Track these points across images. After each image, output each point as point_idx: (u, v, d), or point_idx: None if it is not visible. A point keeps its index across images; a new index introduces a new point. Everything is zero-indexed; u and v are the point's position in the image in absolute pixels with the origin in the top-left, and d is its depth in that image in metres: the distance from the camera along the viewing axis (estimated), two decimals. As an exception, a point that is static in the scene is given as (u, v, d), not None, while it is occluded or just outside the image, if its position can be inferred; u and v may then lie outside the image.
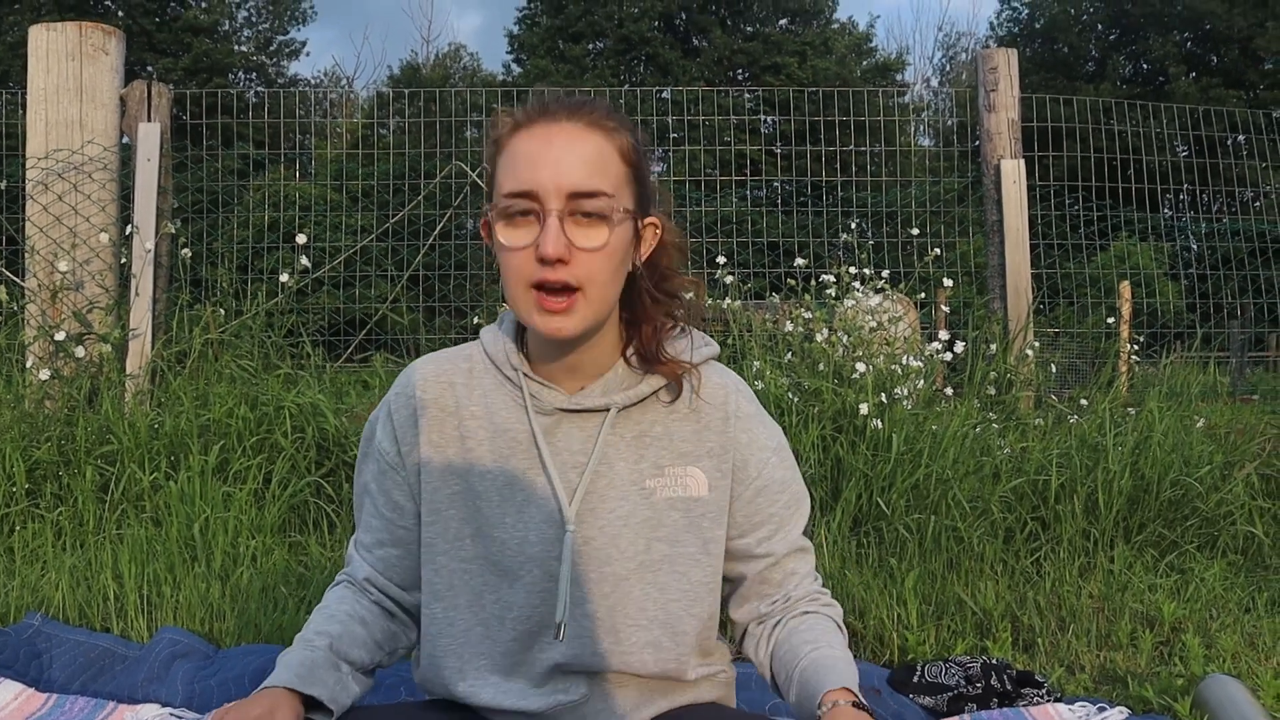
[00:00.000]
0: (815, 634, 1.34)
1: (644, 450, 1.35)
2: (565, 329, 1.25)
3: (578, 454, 1.33)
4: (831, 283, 4.24)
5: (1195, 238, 8.04)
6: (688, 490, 1.34)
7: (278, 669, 1.25)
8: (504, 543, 1.32)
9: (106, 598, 2.72)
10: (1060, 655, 2.54)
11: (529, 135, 1.24)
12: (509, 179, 1.24)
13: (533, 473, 1.32)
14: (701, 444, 1.36)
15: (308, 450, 3.57)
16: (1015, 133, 4.91)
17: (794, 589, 1.40)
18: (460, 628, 1.35)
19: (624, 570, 1.31)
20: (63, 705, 1.98)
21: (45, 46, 4.40)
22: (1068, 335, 5.92)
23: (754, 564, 1.39)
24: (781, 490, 1.40)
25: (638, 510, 1.32)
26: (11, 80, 24.13)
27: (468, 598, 1.35)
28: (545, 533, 1.31)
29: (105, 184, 4.41)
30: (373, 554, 1.41)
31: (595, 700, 1.34)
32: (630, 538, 1.32)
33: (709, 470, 1.36)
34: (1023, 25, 32.29)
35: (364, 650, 1.34)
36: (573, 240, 1.22)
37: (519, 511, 1.32)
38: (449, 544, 1.35)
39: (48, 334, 4.03)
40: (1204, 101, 23.29)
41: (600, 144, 1.25)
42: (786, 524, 1.40)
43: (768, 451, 1.40)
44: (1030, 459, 3.56)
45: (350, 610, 1.37)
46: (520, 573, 1.31)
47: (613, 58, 31.05)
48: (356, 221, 6.68)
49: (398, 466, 1.39)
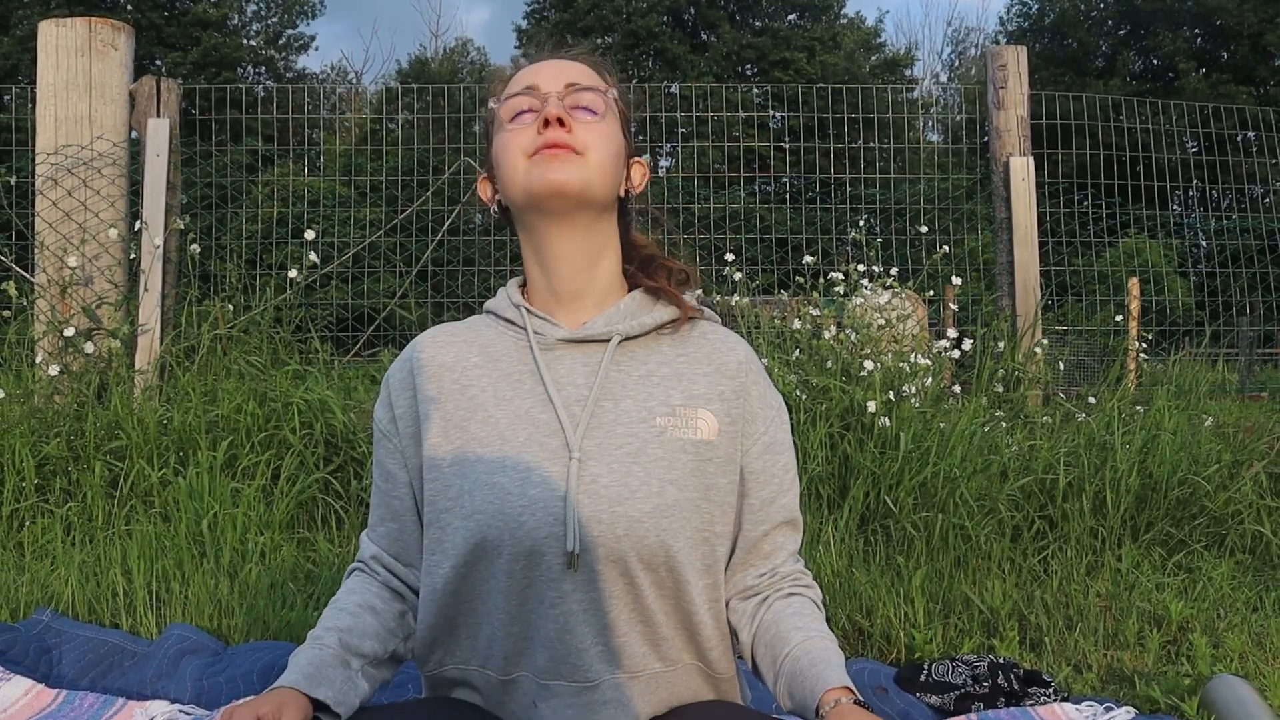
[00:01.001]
0: (804, 620, 1.32)
1: (652, 389, 1.32)
2: (568, 179, 1.28)
3: (581, 387, 1.31)
4: (840, 280, 4.24)
5: (1205, 235, 8.03)
6: (698, 432, 1.31)
7: (288, 669, 1.24)
8: (503, 487, 1.26)
9: (116, 593, 2.73)
10: (1067, 654, 2.54)
11: (526, 64, 1.37)
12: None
13: (537, 408, 1.30)
14: (713, 387, 1.34)
15: (316, 446, 3.57)
16: (1024, 130, 4.89)
17: (781, 564, 1.38)
18: (470, 586, 1.31)
19: (637, 512, 1.25)
20: (72, 701, 1.99)
21: (55, 42, 4.40)
22: (1076, 332, 5.91)
23: (748, 528, 1.37)
24: (784, 451, 1.39)
25: (648, 449, 1.28)
26: (21, 75, 24.20)
27: (472, 556, 1.28)
28: (549, 468, 1.26)
29: (114, 179, 4.42)
30: (377, 531, 1.41)
31: (608, 689, 1.28)
32: (642, 476, 1.26)
33: (719, 414, 1.33)
34: (1032, 20, 32.23)
35: (375, 641, 1.32)
36: (572, 115, 1.31)
37: (521, 450, 1.27)
38: (450, 501, 1.30)
39: (57, 329, 4.04)
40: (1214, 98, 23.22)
41: (593, 70, 1.37)
42: (786, 491, 1.39)
43: (774, 410, 1.40)
44: (1038, 457, 3.55)
45: (360, 600, 1.35)
46: (523, 518, 1.25)
47: (621, 52, 31.04)
48: (365, 216, 6.68)
49: (390, 434, 1.38)
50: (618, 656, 1.28)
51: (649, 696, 1.30)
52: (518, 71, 1.38)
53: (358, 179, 7.77)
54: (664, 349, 1.36)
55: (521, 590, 1.27)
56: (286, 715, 1.16)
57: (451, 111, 6.01)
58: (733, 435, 1.34)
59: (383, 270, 6.03)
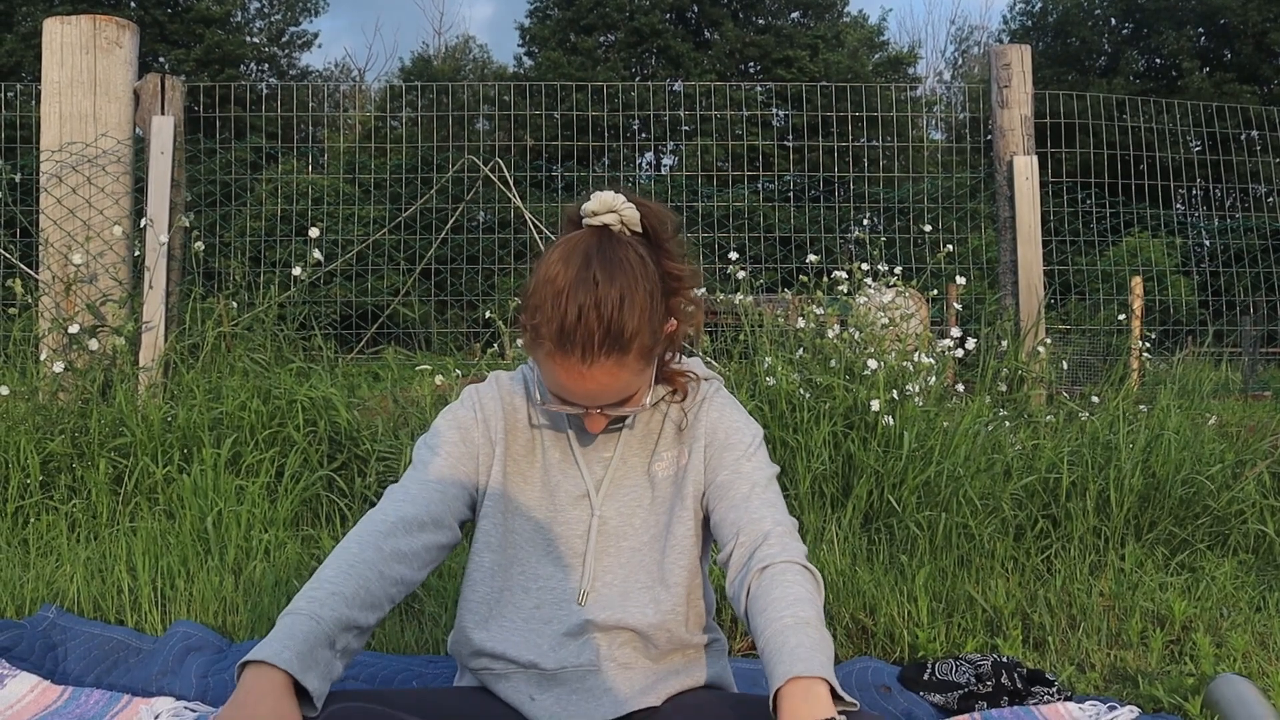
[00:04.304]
0: (797, 591, 1.40)
1: (651, 445, 1.62)
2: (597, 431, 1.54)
3: (602, 451, 1.61)
4: (843, 279, 4.23)
5: (1208, 234, 8.02)
6: (678, 464, 1.61)
7: (278, 635, 1.29)
8: (539, 522, 1.58)
9: (121, 590, 2.74)
10: (1071, 653, 2.54)
11: (565, 368, 1.41)
12: (549, 380, 1.46)
13: (566, 463, 1.60)
14: (693, 430, 1.62)
15: (320, 444, 3.58)
16: (1028, 129, 4.89)
17: (770, 531, 1.50)
18: (496, 585, 1.57)
19: (637, 544, 1.57)
20: (78, 698, 1.99)
21: (60, 40, 4.41)
22: (1079, 332, 5.91)
23: (724, 496, 1.55)
24: (744, 434, 1.61)
25: (646, 494, 1.60)
26: (24, 72, 24.22)
27: (508, 557, 1.58)
28: (571, 514, 1.57)
29: (119, 177, 4.43)
30: (426, 486, 1.55)
31: (605, 676, 1.51)
32: (643, 517, 1.59)
33: (691, 445, 1.61)
34: (1035, 19, 32.20)
35: (370, 611, 1.41)
36: (609, 413, 1.50)
37: (552, 495, 1.58)
38: (502, 515, 1.59)
39: (61, 326, 4.05)
40: (1217, 97, 23.20)
41: (628, 370, 1.43)
42: (752, 456, 1.58)
43: (749, 436, 1.61)
44: (1041, 456, 3.55)
45: (371, 559, 1.44)
46: (549, 549, 1.57)
47: (624, 50, 31.04)
48: (370, 213, 6.69)
49: (472, 441, 1.60)
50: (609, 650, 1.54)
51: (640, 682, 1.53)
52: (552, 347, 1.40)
53: (361, 176, 7.77)
54: (665, 409, 1.64)
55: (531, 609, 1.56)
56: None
57: (455, 109, 6.02)
58: (699, 452, 1.60)
59: (386, 268, 6.04)
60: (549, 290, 1.39)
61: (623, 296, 1.38)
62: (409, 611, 2.68)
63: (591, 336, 1.37)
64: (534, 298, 1.42)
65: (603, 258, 1.40)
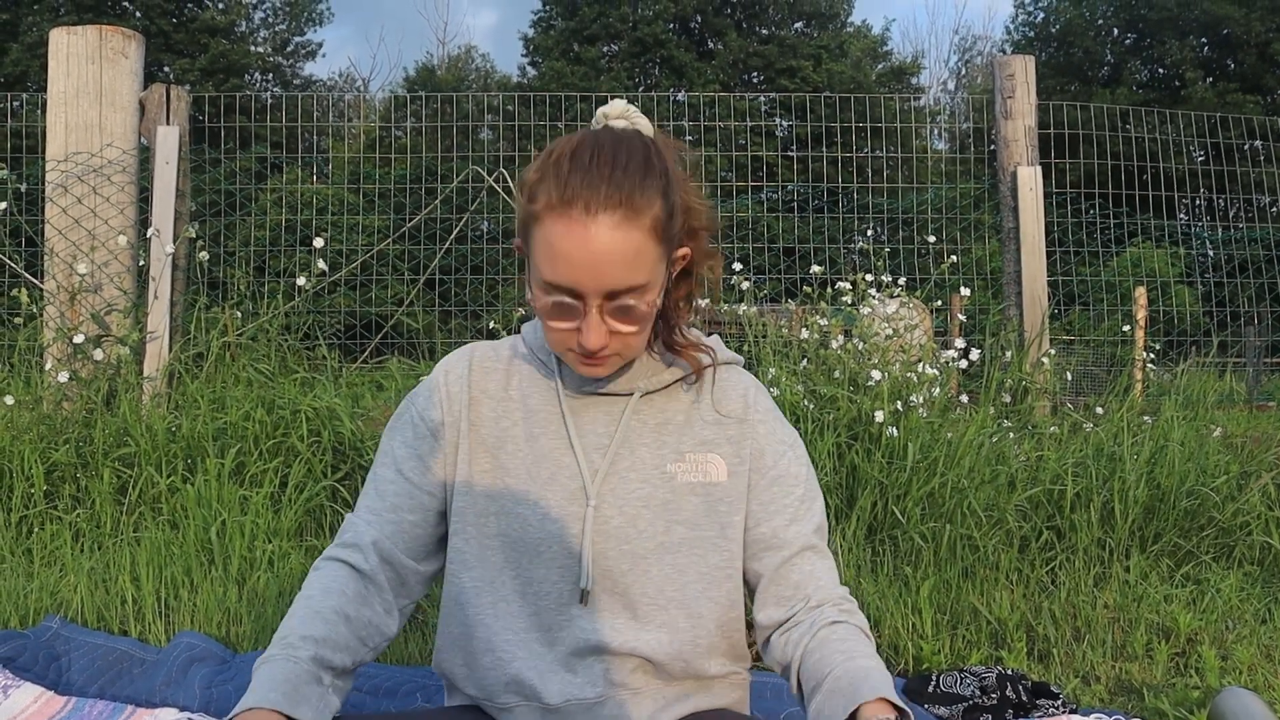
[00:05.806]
0: (849, 645, 1.30)
1: (666, 437, 1.42)
2: (599, 374, 1.36)
3: (602, 435, 1.40)
4: (847, 289, 4.24)
5: (1212, 244, 8.02)
6: (708, 475, 1.41)
7: (260, 683, 1.19)
8: (525, 518, 1.38)
9: (124, 600, 2.74)
10: (1075, 666, 2.54)
11: (566, 228, 1.23)
12: (547, 267, 1.26)
13: (560, 451, 1.40)
14: (722, 431, 1.43)
15: (324, 454, 3.58)
16: (1032, 140, 4.90)
17: (813, 591, 1.38)
18: (488, 599, 1.39)
19: (642, 549, 1.37)
20: (82, 708, 2.00)
21: (65, 50, 4.42)
22: (1083, 342, 5.91)
23: (769, 558, 1.40)
24: (796, 483, 1.44)
25: (657, 493, 1.39)
26: (29, 81, 24.28)
27: (492, 572, 1.39)
28: (567, 509, 1.37)
29: (124, 187, 4.43)
30: (382, 518, 1.41)
31: (611, 707, 1.36)
32: (649, 519, 1.38)
33: (728, 457, 1.42)
34: (1038, 29, 32.21)
35: (346, 654, 1.30)
36: (611, 327, 1.30)
37: (544, 487, 1.38)
38: (476, 518, 1.40)
39: (66, 336, 4.06)
40: (1221, 107, 23.22)
41: (636, 239, 1.24)
42: (801, 518, 1.43)
43: (784, 445, 1.46)
44: (1046, 468, 3.55)
45: (336, 605, 1.32)
46: (540, 548, 1.37)
47: (627, 60, 31.09)
48: (374, 223, 6.70)
49: (438, 434, 1.43)
50: (619, 676, 1.37)
51: (649, 708, 1.38)
52: (555, 214, 1.24)
53: (365, 186, 7.79)
54: (681, 397, 1.45)
55: (530, 615, 1.38)
56: None
57: (459, 119, 6.03)
58: (741, 474, 1.42)
59: (390, 278, 6.05)
60: (551, 156, 1.27)
61: (631, 157, 1.26)
62: (411, 622, 2.68)
63: (597, 186, 1.22)
64: (534, 172, 1.28)
65: (614, 136, 1.29)
